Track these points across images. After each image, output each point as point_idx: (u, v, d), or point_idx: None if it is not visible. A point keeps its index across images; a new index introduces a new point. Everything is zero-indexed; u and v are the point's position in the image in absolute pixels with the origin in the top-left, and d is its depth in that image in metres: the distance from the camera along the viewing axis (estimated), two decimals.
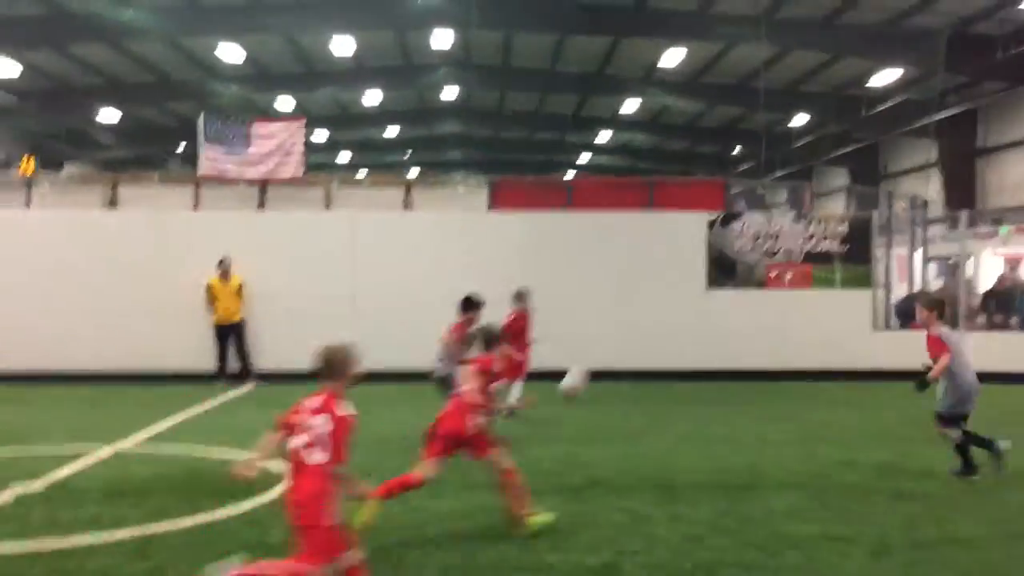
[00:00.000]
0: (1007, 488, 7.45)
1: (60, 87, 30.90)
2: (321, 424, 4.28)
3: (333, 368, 4.49)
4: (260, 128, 16.61)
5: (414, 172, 44.71)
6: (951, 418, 7.88)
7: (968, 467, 7.85)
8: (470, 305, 10.04)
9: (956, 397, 7.84)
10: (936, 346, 7.76)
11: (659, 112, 36.93)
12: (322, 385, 4.50)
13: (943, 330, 7.97)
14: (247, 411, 12.24)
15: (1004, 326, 17.25)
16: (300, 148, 16.55)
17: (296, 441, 4.32)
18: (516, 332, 11.07)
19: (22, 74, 27.70)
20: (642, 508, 6.70)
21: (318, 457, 4.26)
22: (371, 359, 16.89)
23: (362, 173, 38.98)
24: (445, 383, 9.38)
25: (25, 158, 32.39)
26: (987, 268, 21.42)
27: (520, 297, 11.79)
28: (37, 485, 7.35)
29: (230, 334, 15.31)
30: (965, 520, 6.39)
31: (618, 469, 8.09)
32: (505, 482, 6.15)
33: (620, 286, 15.83)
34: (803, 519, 6.38)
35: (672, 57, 27.55)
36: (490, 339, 6.93)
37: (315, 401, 4.38)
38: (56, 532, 5.97)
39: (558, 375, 13.51)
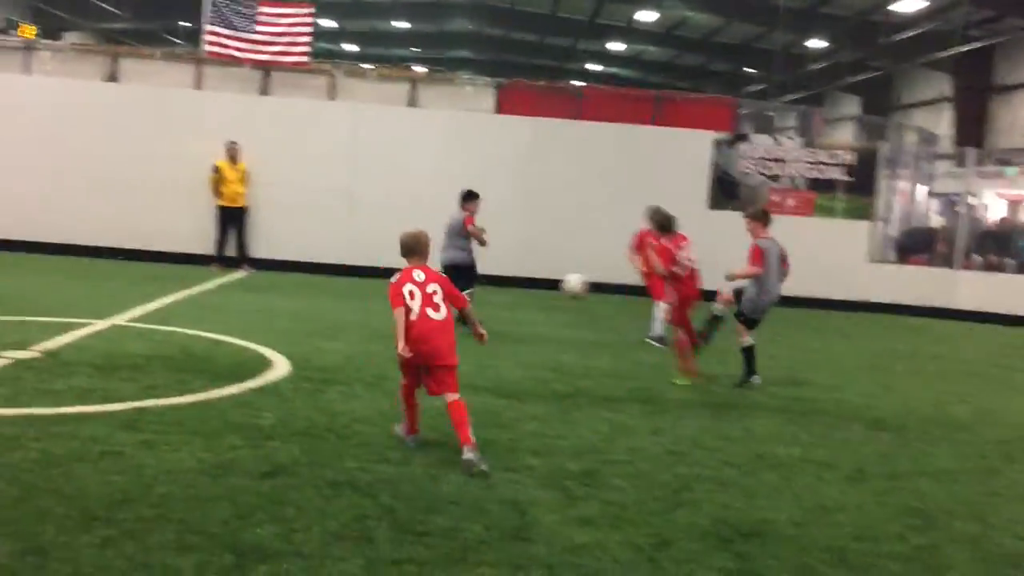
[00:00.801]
0: (984, 425, 7.58)
1: None
2: (436, 288, 5.51)
3: (423, 247, 5.73)
4: (267, 9, 16.22)
5: (421, 69, 43.98)
6: (747, 321, 8.47)
7: (749, 374, 8.40)
8: (472, 196, 10.73)
9: (755, 303, 8.40)
10: (755, 255, 8.32)
11: (676, 24, 36.16)
12: (413, 261, 5.64)
13: (765, 241, 8.39)
14: (240, 296, 12.30)
15: (999, 267, 17.29)
16: (307, 34, 16.21)
17: (415, 305, 5.41)
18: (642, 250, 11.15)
19: None
20: (627, 420, 6.81)
21: (444, 312, 5.47)
22: (367, 255, 16.90)
23: (368, 66, 38.31)
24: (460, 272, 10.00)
25: (25, 24, 31.77)
26: (990, 208, 21.35)
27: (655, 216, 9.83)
28: (30, 353, 7.42)
29: (232, 219, 15.27)
30: (940, 454, 6.51)
31: (606, 381, 8.19)
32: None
33: (621, 200, 15.75)
34: (783, 442, 6.49)
35: None
36: (666, 223, 8.94)
37: (419, 274, 5.54)
38: (48, 400, 6.04)
39: (553, 283, 13.56)
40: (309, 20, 16.31)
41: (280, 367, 7.68)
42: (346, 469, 5.06)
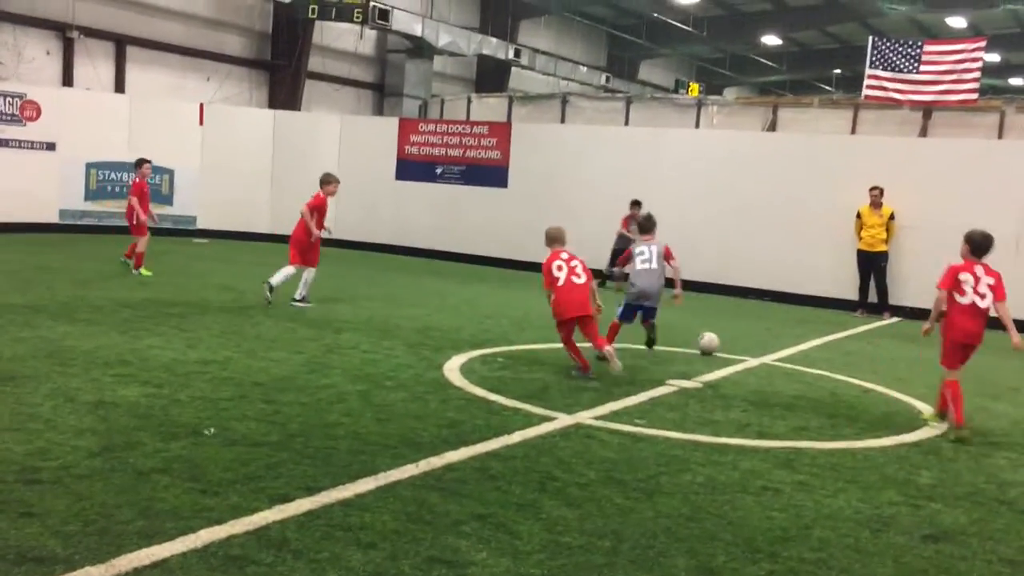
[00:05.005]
0: None
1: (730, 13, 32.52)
2: None
3: None
4: (934, 48, 15.53)
5: None
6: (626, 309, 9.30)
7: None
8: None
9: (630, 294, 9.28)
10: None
11: None
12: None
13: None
14: (887, 345, 11.87)
15: None
16: (975, 70, 15.14)
17: None
18: None
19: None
20: None
21: None
22: None
23: None
24: None
25: (692, 83, 35.16)
26: None
27: None
28: (693, 384, 8.02)
29: (871, 264, 14.87)
30: None
31: None
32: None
33: None
34: None
35: None
36: None
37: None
38: (709, 429, 6.46)
39: None
40: (978, 55, 15.22)
41: (937, 423, 7.19)
42: None
